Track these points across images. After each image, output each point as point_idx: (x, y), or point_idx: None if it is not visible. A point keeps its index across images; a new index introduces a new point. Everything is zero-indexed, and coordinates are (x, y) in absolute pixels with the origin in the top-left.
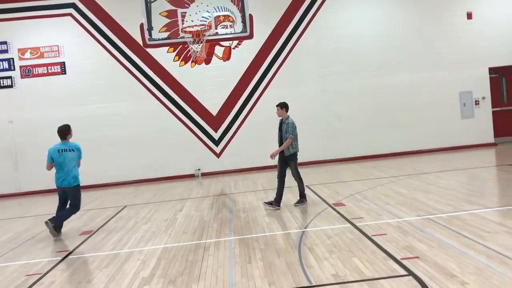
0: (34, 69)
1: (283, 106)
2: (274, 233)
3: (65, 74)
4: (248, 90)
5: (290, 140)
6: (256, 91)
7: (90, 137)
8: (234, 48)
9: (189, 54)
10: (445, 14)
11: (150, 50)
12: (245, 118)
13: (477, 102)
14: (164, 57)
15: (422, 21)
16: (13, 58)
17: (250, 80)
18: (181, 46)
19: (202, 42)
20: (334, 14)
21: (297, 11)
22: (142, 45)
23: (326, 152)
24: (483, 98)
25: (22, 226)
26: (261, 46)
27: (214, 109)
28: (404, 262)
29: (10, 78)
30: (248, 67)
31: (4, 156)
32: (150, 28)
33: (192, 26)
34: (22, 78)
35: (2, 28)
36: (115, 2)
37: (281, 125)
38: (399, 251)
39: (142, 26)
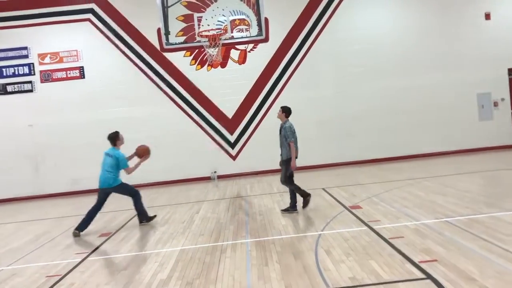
0: (53, 73)
1: (284, 110)
2: (291, 235)
3: (83, 78)
4: (263, 93)
5: (292, 144)
6: (271, 94)
7: None
8: (249, 51)
9: (205, 58)
10: (463, 15)
11: (167, 54)
12: (260, 120)
13: (495, 104)
14: (180, 61)
15: (440, 22)
16: (33, 63)
17: (265, 83)
18: (197, 50)
19: (218, 46)
20: (350, 15)
21: (312, 14)
22: (159, 49)
23: (342, 154)
24: (502, 99)
25: (42, 228)
26: (276, 49)
27: (230, 112)
28: (422, 265)
29: (30, 82)
30: (263, 70)
31: (24, 159)
32: (167, 32)
33: (208, 30)
34: (42, 82)
35: (22, 34)
36: (133, 7)
37: (281, 129)
38: (417, 254)
39: (159, 30)
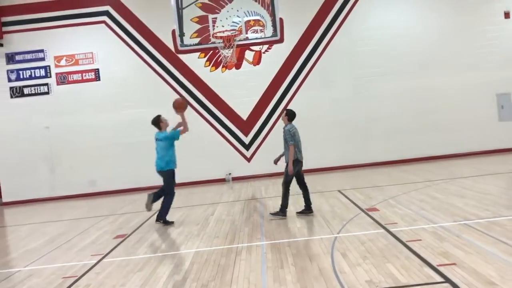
0: (69, 76)
1: (288, 114)
2: (306, 238)
3: (99, 80)
4: (278, 94)
5: (292, 147)
6: (286, 95)
7: (124, 141)
8: (264, 52)
9: (220, 59)
10: (481, 14)
11: (181, 56)
12: (275, 122)
13: None
14: (195, 62)
15: (457, 21)
16: (49, 66)
17: (280, 84)
18: (212, 52)
19: (232, 47)
20: (366, 15)
21: (328, 14)
22: (174, 51)
23: (358, 156)
24: None
25: (58, 229)
26: (291, 50)
27: (244, 113)
28: (440, 268)
29: (46, 85)
30: (278, 71)
31: (40, 161)
32: (181, 34)
33: (222, 32)
34: (58, 85)
35: (39, 36)
36: (148, 9)
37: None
38: (435, 258)
39: (174, 32)
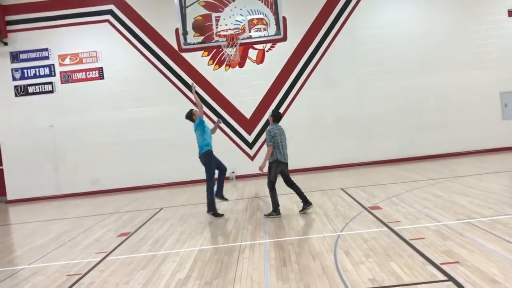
0: (73, 74)
1: (273, 115)
2: (309, 236)
3: (103, 79)
4: (281, 92)
5: (270, 149)
6: (289, 93)
7: (128, 140)
8: (267, 51)
9: (223, 57)
10: (485, 12)
11: (184, 54)
12: None
13: None
14: (198, 61)
15: (461, 19)
16: (53, 64)
17: (283, 82)
18: (215, 50)
19: (236, 46)
20: (369, 14)
21: (331, 12)
22: (177, 49)
23: (361, 154)
24: None
25: (62, 227)
26: (294, 48)
27: (247, 112)
28: (443, 267)
29: (51, 83)
30: (281, 70)
31: (45, 159)
32: (185, 32)
33: (226, 30)
34: (62, 83)
35: (43, 35)
36: (151, 8)
37: None
38: (438, 256)
39: (177, 31)
